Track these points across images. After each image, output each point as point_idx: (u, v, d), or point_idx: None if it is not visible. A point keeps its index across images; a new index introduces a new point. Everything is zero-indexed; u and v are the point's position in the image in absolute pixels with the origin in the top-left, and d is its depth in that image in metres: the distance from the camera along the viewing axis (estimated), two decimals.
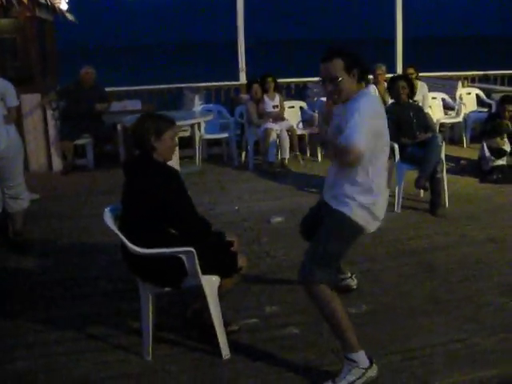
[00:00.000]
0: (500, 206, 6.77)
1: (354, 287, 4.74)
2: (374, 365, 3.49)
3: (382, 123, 3.52)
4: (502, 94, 9.01)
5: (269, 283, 4.89)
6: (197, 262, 3.53)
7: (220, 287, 3.76)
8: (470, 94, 10.97)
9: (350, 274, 4.77)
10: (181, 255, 3.55)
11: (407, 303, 4.53)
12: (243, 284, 4.43)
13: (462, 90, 10.91)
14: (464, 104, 10.43)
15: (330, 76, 3.47)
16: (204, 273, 3.61)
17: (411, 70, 9.66)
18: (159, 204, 3.53)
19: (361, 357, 3.45)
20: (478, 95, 10.97)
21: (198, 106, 9.99)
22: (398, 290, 4.75)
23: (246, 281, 4.46)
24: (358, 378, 3.43)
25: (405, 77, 7.58)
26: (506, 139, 7.93)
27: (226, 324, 3.90)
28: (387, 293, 4.71)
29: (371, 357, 3.52)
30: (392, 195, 6.84)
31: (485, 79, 12.50)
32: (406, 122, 6.92)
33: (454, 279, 4.93)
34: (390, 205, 6.62)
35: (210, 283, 3.68)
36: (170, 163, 3.83)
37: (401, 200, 6.75)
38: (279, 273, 5.12)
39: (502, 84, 12.49)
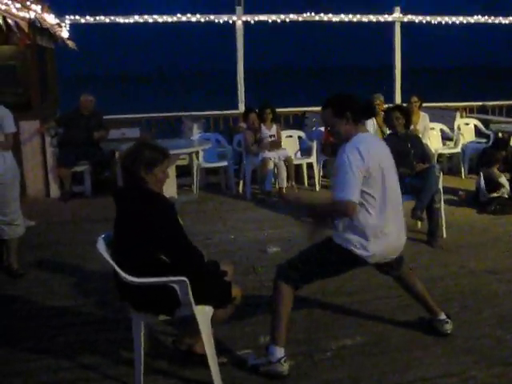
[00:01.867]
0: (498, 237, 6.73)
1: (447, 332, 4.42)
2: (283, 364, 3.84)
3: (373, 166, 3.77)
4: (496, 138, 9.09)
5: (263, 314, 4.82)
6: (190, 291, 3.49)
7: (213, 317, 3.72)
8: (468, 124, 11.01)
9: (444, 317, 4.47)
10: (173, 284, 3.51)
11: (403, 335, 4.48)
12: (237, 314, 4.38)
13: (460, 121, 10.96)
14: (462, 134, 10.46)
15: (326, 123, 4.06)
16: (197, 303, 3.57)
17: (415, 99, 9.72)
18: (151, 232, 3.50)
19: (276, 351, 3.87)
20: (476, 126, 11.00)
21: (197, 134, 10.03)
22: (393, 321, 4.69)
23: (240, 311, 4.41)
24: (262, 364, 3.89)
25: (399, 107, 7.60)
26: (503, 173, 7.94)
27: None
28: (383, 324, 4.66)
29: (286, 358, 3.85)
30: None
31: (482, 110, 12.55)
32: (403, 152, 6.90)
33: (452, 310, 4.86)
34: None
35: (203, 313, 3.64)
36: (167, 192, 3.81)
37: None
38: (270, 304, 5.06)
39: (500, 115, 12.54)
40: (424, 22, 12.37)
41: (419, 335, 4.46)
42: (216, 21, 11.19)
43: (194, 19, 11.13)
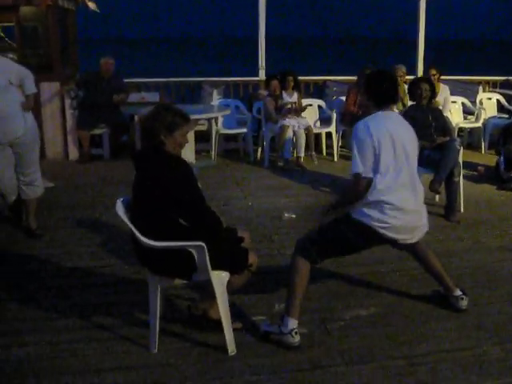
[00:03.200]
0: None
1: (462, 308, 4.40)
2: (294, 336, 3.85)
3: (385, 143, 3.88)
4: None
5: (278, 281, 4.86)
6: (207, 256, 3.52)
7: (229, 283, 3.75)
8: (490, 99, 10.84)
9: (460, 293, 4.44)
10: (191, 249, 3.54)
11: (416, 307, 4.49)
12: (253, 281, 4.41)
13: (482, 95, 10.80)
14: (484, 109, 10.31)
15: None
16: (214, 268, 3.61)
17: (434, 71, 9.58)
18: (170, 195, 3.53)
19: (289, 322, 3.89)
20: (498, 101, 10.85)
21: (216, 100, 9.99)
22: (406, 293, 4.71)
23: (256, 278, 4.44)
24: (274, 333, 3.93)
25: (428, 80, 7.51)
26: None
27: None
28: (397, 296, 4.68)
29: (297, 330, 3.88)
30: None
31: (507, 84, 12.33)
32: (424, 124, 6.86)
33: (466, 285, 4.86)
34: None
35: (220, 279, 3.67)
36: (185, 157, 3.82)
37: None
38: (286, 271, 5.08)
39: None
40: None
41: (432, 308, 4.47)
42: None
43: None
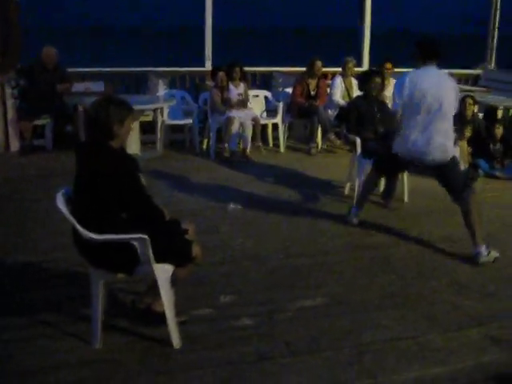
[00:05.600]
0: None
1: (479, 261, 5.23)
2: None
3: (411, 89, 5.34)
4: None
5: (224, 273, 4.84)
6: (150, 249, 3.47)
7: (173, 276, 3.70)
8: None
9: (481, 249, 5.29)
10: (133, 242, 3.48)
11: (362, 297, 4.53)
12: (198, 273, 4.37)
13: None
14: None
15: None
16: (157, 261, 3.55)
17: (389, 65, 9.68)
18: (112, 188, 3.46)
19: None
20: None
21: (162, 91, 9.87)
22: (353, 284, 4.75)
23: (200, 270, 4.40)
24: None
25: (380, 73, 7.62)
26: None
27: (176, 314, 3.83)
28: (342, 286, 4.71)
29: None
30: (352, 189, 6.88)
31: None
32: (369, 116, 6.93)
33: (410, 275, 4.95)
34: (350, 198, 6.68)
35: (163, 272, 3.62)
36: (130, 148, 3.77)
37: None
38: (235, 262, 5.08)
39: (466, 84, 12.55)
40: None
41: (377, 298, 4.52)
42: None
43: None
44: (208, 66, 10.93)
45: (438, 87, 5.31)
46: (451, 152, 5.49)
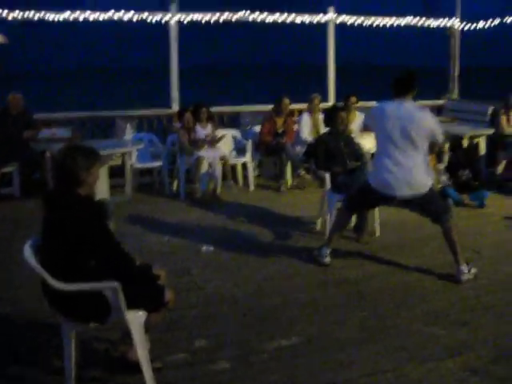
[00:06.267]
0: (431, 235, 6.65)
1: (462, 280, 5.48)
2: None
3: (381, 119, 5.56)
4: None
5: (198, 316, 4.79)
6: (121, 297, 3.42)
7: (147, 322, 3.64)
8: None
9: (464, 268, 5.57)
10: (104, 290, 3.43)
11: (338, 334, 4.51)
12: (171, 317, 4.32)
13: None
14: None
15: None
16: (129, 308, 3.50)
17: (354, 100, 9.83)
18: (80, 237, 3.42)
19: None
20: None
21: (130, 134, 9.85)
22: (328, 321, 4.73)
23: (174, 314, 4.35)
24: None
25: (343, 108, 7.72)
26: None
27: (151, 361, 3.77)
28: (317, 323, 4.68)
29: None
30: (324, 224, 6.89)
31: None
32: (337, 151, 6.98)
33: (385, 308, 4.95)
34: (322, 234, 6.69)
35: (136, 319, 3.57)
36: (99, 193, 3.75)
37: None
38: (209, 305, 5.03)
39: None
40: (357, 22, 12.49)
41: (353, 334, 4.51)
42: (149, 19, 11.01)
43: (126, 17, 10.91)
44: (175, 107, 10.96)
45: (411, 120, 5.39)
46: (428, 184, 5.57)
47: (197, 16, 11.22)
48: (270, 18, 11.73)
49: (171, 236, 6.95)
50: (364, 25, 12.52)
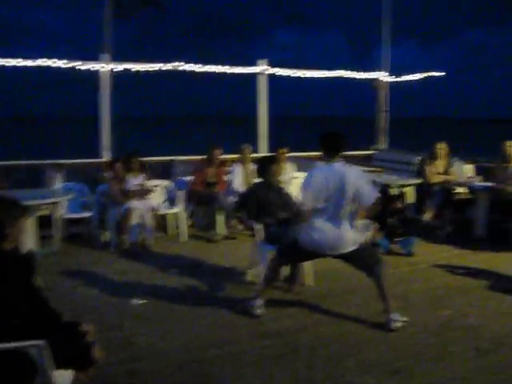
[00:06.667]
0: (361, 284, 6.67)
1: (393, 328, 5.57)
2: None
3: (318, 184, 5.57)
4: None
5: (129, 372, 4.66)
6: (48, 356, 3.29)
7: (74, 382, 3.52)
8: None
9: (395, 317, 5.66)
10: (30, 350, 3.30)
11: None
12: (101, 374, 4.18)
13: None
14: None
15: None
16: (56, 367, 3.37)
17: (284, 150, 10.00)
18: (2, 293, 3.29)
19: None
20: None
21: (59, 183, 9.68)
22: (260, 374, 4.67)
23: (104, 371, 4.22)
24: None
25: (277, 158, 7.81)
26: None
27: None
28: (249, 377, 4.62)
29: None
30: (256, 275, 6.88)
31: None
32: (269, 202, 7.02)
33: (317, 360, 4.93)
34: (254, 285, 6.67)
35: (63, 379, 3.44)
36: (26, 244, 3.64)
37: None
38: (140, 360, 4.89)
39: (360, 164, 13.04)
40: (288, 74, 12.81)
41: None
42: (81, 67, 10.96)
43: (56, 65, 10.83)
44: (106, 157, 10.88)
45: (341, 181, 5.53)
46: (359, 240, 5.75)
47: (130, 66, 11.28)
48: (203, 68, 11.90)
49: (100, 289, 6.79)
50: (296, 76, 12.88)
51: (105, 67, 11.01)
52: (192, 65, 11.81)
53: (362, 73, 13.67)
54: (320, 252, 5.80)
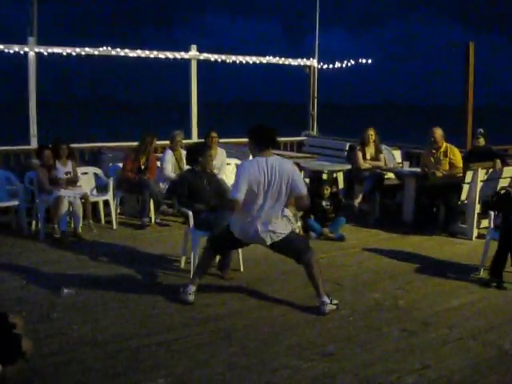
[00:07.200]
0: (292, 269, 6.63)
1: (325, 312, 5.68)
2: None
3: (250, 177, 5.58)
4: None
5: (60, 364, 4.57)
6: None
7: (2, 375, 3.43)
8: None
9: (326, 299, 5.74)
10: None
11: (205, 373, 4.46)
12: (30, 367, 4.10)
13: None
14: None
15: None
16: None
17: (214, 134, 9.93)
18: None
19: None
20: None
21: None
22: (194, 360, 4.66)
23: (33, 364, 4.13)
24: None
25: (207, 145, 7.78)
26: None
27: None
28: (184, 364, 4.61)
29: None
30: (188, 262, 6.87)
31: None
32: (199, 188, 7.01)
33: (252, 345, 4.97)
34: (186, 272, 6.66)
35: None
36: None
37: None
38: (72, 351, 4.80)
39: (292, 150, 13.18)
40: (219, 60, 12.76)
41: (219, 373, 4.47)
42: (6, 51, 10.60)
43: None
44: (34, 143, 10.61)
45: (273, 174, 5.61)
46: (288, 229, 5.82)
47: (57, 49, 10.99)
48: (132, 53, 11.71)
49: (29, 279, 6.62)
50: (231, 62, 12.86)
51: (31, 50, 10.69)
52: (120, 50, 11.58)
53: (291, 60, 13.74)
54: (250, 242, 5.94)
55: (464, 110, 11.01)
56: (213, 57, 12.60)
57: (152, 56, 11.93)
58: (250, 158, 6.29)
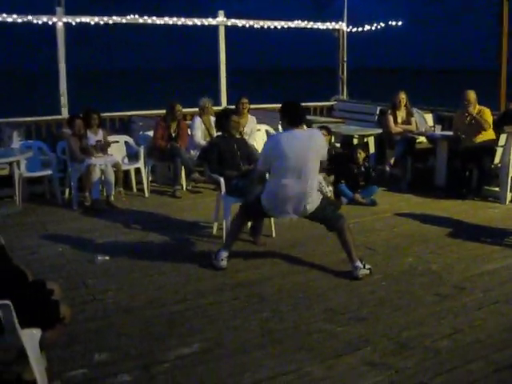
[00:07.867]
0: (324, 234, 6.64)
1: (359, 276, 5.66)
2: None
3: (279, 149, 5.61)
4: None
5: (96, 329, 4.65)
6: (14, 315, 3.26)
7: (42, 340, 3.50)
8: None
9: (358, 264, 5.75)
10: None
11: (240, 338, 4.51)
12: (68, 332, 4.17)
13: None
14: None
15: None
16: (23, 326, 3.35)
17: (245, 100, 9.90)
18: None
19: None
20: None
21: (17, 142, 9.48)
22: (228, 325, 4.72)
23: (71, 329, 4.21)
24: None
25: (237, 110, 7.73)
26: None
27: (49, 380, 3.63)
28: (219, 328, 4.66)
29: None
30: (220, 228, 6.90)
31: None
32: (230, 154, 6.99)
33: (284, 309, 5.00)
34: (219, 238, 6.69)
35: (30, 337, 3.41)
36: None
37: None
38: (107, 317, 4.89)
39: (322, 115, 13.09)
40: (247, 25, 12.64)
41: (254, 337, 4.51)
42: (35, 21, 10.62)
43: (10, 19, 10.47)
44: (64, 113, 10.67)
45: (303, 149, 5.62)
46: (319, 199, 5.84)
47: (85, 19, 10.98)
48: (160, 20, 11.65)
49: (64, 247, 6.73)
50: (255, 27, 12.72)
51: (59, 21, 10.69)
52: (147, 17, 11.53)
53: (320, 23, 13.54)
54: (281, 215, 5.98)
55: (498, 72, 10.75)
56: (240, 22, 12.47)
57: (179, 23, 11.86)
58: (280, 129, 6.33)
